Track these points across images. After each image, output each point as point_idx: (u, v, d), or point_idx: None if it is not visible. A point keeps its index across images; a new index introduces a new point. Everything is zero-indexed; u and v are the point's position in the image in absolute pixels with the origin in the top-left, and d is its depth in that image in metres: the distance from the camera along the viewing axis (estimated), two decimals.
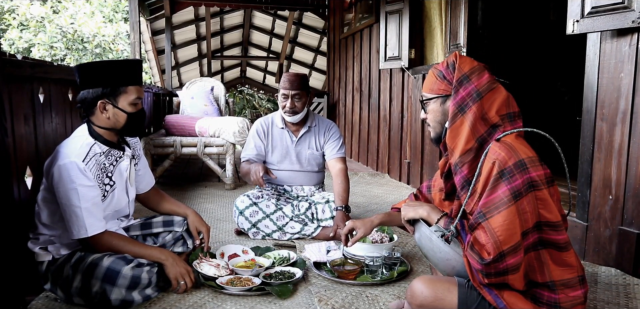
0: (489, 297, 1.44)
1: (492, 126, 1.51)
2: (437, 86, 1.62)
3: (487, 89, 1.53)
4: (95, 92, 1.92)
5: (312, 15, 8.62)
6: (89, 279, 1.82)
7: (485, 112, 1.51)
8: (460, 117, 1.54)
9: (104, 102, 1.93)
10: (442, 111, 1.62)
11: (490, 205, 1.41)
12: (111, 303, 1.81)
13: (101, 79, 1.92)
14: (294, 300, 1.98)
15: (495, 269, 1.38)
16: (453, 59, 1.60)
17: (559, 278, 1.43)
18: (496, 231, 1.37)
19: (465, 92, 1.53)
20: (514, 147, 1.45)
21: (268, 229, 2.77)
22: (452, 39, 3.76)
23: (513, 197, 1.39)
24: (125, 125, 1.99)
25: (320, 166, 3.07)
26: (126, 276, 1.82)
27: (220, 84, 5.62)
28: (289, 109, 2.87)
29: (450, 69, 1.59)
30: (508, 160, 1.42)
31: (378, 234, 2.39)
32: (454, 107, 1.55)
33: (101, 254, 1.88)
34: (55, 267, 1.92)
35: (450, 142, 1.58)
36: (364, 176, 5.14)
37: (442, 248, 1.52)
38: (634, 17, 2.08)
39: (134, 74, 1.98)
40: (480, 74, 1.55)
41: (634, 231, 2.20)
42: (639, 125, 2.17)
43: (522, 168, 1.41)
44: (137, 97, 1.98)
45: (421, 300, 1.51)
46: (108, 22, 12.45)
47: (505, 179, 1.41)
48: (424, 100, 1.68)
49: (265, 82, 12.91)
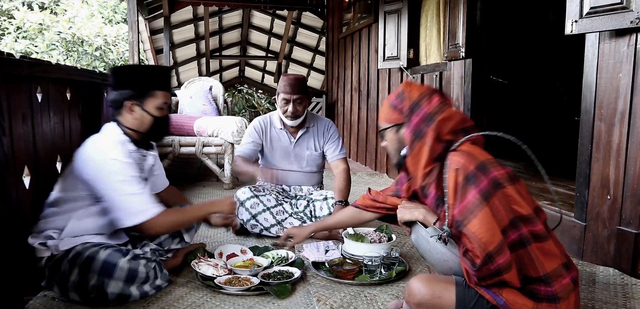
0: (487, 296, 1.45)
1: (448, 142, 1.58)
2: (391, 115, 1.69)
3: (439, 111, 1.59)
4: (125, 93, 2.01)
5: (310, 14, 8.62)
6: (86, 273, 1.83)
7: (441, 133, 1.57)
8: (418, 143, 1.60)
9: (132, 103, 2.01)
10: (398, 139, 1.70)
11: (464, 211, 1.45)
12: (108, 296, 1.81)
13: (132, 81, 2.02)
14: (293, 300, 1.98)
15: (487, 271, 1.41)
16: (402, 88, 1.67)
17: (551, 269, 1.45)
18: (477, 235, 1.40)
19: (418, 118, 1.60)
20: (471, 153, 1.51)
21: (267, 223, 2.77)
22: (451, 39, 3.76)
23: (484, 198, 1.43)
24: (150, 128, 2.07)
25: (320, 166, 3.07)
26: (123, 269, 1.83)
27: (218, 83, 5.62)
28: (291, 113, 2.85)
29: (401, 99, 1.66)
30: (469, 165, 1.48)
31: (377, 234, 2.39)
32: (411, 134, 1.62)
33: (97, 248, 1.88)
34: (53, 263, 1.92)
35: (412, 168, 1.64)
36: (362, 176, 5.14)
37: (439, 250, 1.54)
38: (632, 18, 2.08)
39: (164, 80, 2.09)
40: (430, 99, 1.62)
41: (632, 231, 2.20)
42: (637, 125, 2.17)
43: (484, 169, 1.47)
44: (164, 102, 2.07)
45: (419, 299, 1.52)
46: (108, 22, 12.42)
47: (472, 183, 1.45)
48: (380, 130, 1.76)
49: (263, 81, 12.90)
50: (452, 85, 3.83)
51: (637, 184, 2.17)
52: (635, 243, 2.19)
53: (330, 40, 7.55)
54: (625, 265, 2.24)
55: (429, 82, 4.22)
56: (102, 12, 12.35)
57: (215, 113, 5.17)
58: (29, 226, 1.98)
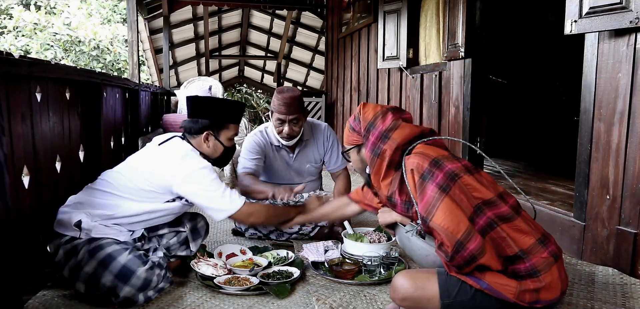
0: (471, 282, 1.48)
1: (403, 151, 1.64)
2: (351, 138, 1.79)
3: (393, 127, 1.67)
4: (204, 123, 2.15)
5: (310, 14, 8.62)
6: (102, 269, 1.84)
7: (397, 147, 1.64)
8: (377, 160, 1.68)
9: (209, 133, 2.16)
10: (360, 158, 1.80)
11: (427, 207, 1.50)
12: (119, 299, 1.83)
13: (211, 113, 2.16)
14: (292, 300, 1.98)
15: (462, 259, 1.44)
16: (358, 111, 1.76)
17: (524, 245, 1.48)
18: (443, 225, 1.44)
19: (374, 137, 1.68)
20: (423, 152, 1.58)
21: (265, 229, 2.75)
22: (451, 39, 3.76)
23: (442, 190, 1.48)
24: (219, 157, 2.23)
25: (319, 171, 3.03)
26: (140, 277, 1.84)
27: (218, 83, 5.63)
28: (287, 135, 2.72)
29: (357, 121, 1.75)
30: (423, 163, 1.54)
31: (376, 233, 2.39)
32: (369, 152, 1.70)
33: (121, 248, 1.90)
34: (72, 246, 1.93)
35: (376, 183, 1.74)
36: None
37: (420, 245, 1.60)
38: (631, 18, 2.08)
39: (238, 114, 2.26)
40: (384, 117, 1.70)
41: (632, 230, 2.20)
42: (636, 125, 2.17)
43: (437, 164, 1.53)
44: (235, 134, 2.24)
45: (403, 293, 1.55)
46: (106, 22, 12.41)
47: (428, 180, 1.51)
48: (343, 152, 1.86)
49: (263, 81, 12.89)
50: (451, 85, 3.83)
51: (636, 183, 2.17)
52: (635, 243, 2.19)
53: (330, 40, 7.55)
54: (625, 265, 2.24)
55: (428, 82, 4.22)
56: (101, 12, 12.33)
57: None
58: (28, 225, 1.97)
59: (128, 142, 4.52)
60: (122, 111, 4.33)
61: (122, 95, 4.33)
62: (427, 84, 4.24)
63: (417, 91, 4.42)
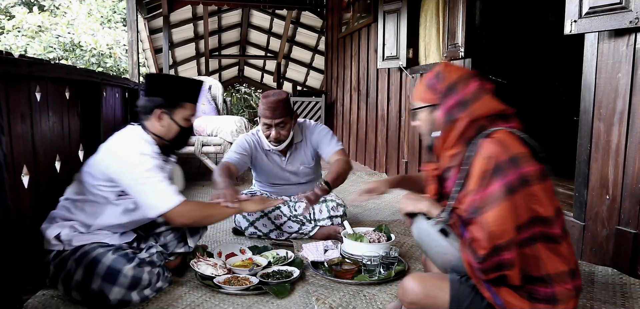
0: (487, 294, 1.44)
1: (480, 127, 1.51)
2: (425, 95, 1.62)
3: (474, 97, 1.53)
4: (156, 101, 2.06)
5: (310, 14, 8.61)
6: (90, 275, 1.83)
7: (474, 119, 1.51)
8: (449, 126, 1.54)
9: (162, 111, 2.06)
10: (431, 119, 1.63)
11: (484, 200, 1.41)
12: (110, 301, 1.81)
13: (165, 91, 2.08)
14: (292, 299, 1.98)
15: (491, 264, 1.38)
16: (440, 68, 1.61)
17: (554, 271, 1.43)
18: (490, 226, 1.37)
19: (453, 101, 1.54)
20: (507, 143, 1.44)
21: (265, 229, 2.75)
22: (450, 39, 3.76)
23: (507, 192, 1.38)
24: (175, 137, 2.13)
25: (315, 169, 2.99)
26: (127, 276, 1.83)
27: (217, 83, 5.62)
28: (274, 139, 2.67)
29: (438, 79, 1.60)
30: (501, 155, 1.41)
31: (376, 233, 2.39)
32: (443, 116, 1.56)
33: (104, 250, 1.89)
34: (59, 260, 1.93)
35: (440, 150, 1.60)
36: (361, 175, 5.14)
37: (439, 242, 1.52)
38: (631, 18, 2.09)
39: (194, 93, 2.18)
40: (467, 83, 1.55)
41: (631, 230, 2.20)
42: (636, 125, 2.18)
43: (515, 163, 1.41)
44: (191, 114, 2.15)
45: (412, 298, 1.51)
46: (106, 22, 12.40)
47: (499, 175, 1.40)
48: (413, 109, 1.70)
49: (263, 81, 12.90)
50: None
51: (636, 183, 2.17)
52: (634, 243, 2.20)
53: (330, 40, 7.55)
54: (624, 265, 2.24)
55: None
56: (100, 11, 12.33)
57: (214, 112, 5.17)
58: (27, 225, 1.97)
59: None
60: (122, 110, 4.33)
61: (122, 94, 4.33)
62: None
63: None
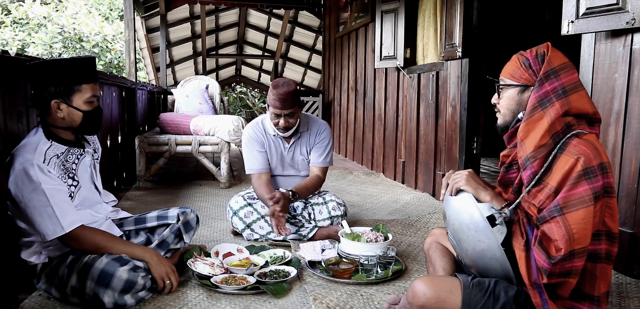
0: (537, 299, 1.40)
1: (567, 125, 1.45)
2: (520, 73, 1.53)
3: (574, 88, 1.46)
4: (48, 92, 1.85)
5: (307, 13, 8.61)
6: (84, 279, 1.81)
7: (567, 111, 1.44)
8: (540, 112, 1.45)
9: (57, 101, 1.87)
10: (518, 100, 1.55)
11: (569, 200, 1.36)
12: (105, 305, 1.79)
13: (53, 78, 1.85)
14: (289, 299, 1.98)
15: (561, 268, 1.34)
16: (544, 49, 1.53)
17: (601, 291, 1.42)
18: (572, 228, 1.33)
19: (551, 87, 1.45)
20: (597, 148, 1.40)
21: (263, 231, 2.74)
22: (448, 39, 3.77)
23: (593, 197, 1.35)
24: (82, 124, 1.94)
25: (308, 166, 3.00)
26: (121, 279, 1.80)
27: (215, 82, 5.61)
28: (283, 128, 2.73)
29: (539, 60, 1.51)
30: (593, 159, 1.37)
31: (373, 233, 2.39)
32: (535, 99, 1.47)
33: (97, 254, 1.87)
34: (50, 268, 1.90)
35: (523, 135, 1.49)
36: (358, 175, 5.14)
37: (480, 228, 1.44)
38: (628, 19, 2.09)
39: (88, 71, 1.92)
40: (569, 72, 1.48)
41: (628, 230, 2.21)
42: (632, 125, 2.18)
43: (604, 171, 1.37)
44: (92, 95, 1.93)
45: (423, 301, 1.47)
46: (105, 19, 12.39)
47: (588, 178, 1.36)
48: (501, 85, 1.60)
49: (260, 80, 12.88)
50: (448, 85, 3.84)
51: (632, 184, 2.18)
52: (631, 243, 2.20)
53: (327, 40, 7.55)
54: (621, 264, 2.25)
55: (425, 82, 4.22)
56: (99, 9, 12.32)
57: (211, 112, 5.16)
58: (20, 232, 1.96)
59: (124, 141, 4.51)
60: (119, 109, 4.32)
61: (119, 94, 4.32)
62: (425, 83, 4.24)
63: (414, 90, 4.42)
